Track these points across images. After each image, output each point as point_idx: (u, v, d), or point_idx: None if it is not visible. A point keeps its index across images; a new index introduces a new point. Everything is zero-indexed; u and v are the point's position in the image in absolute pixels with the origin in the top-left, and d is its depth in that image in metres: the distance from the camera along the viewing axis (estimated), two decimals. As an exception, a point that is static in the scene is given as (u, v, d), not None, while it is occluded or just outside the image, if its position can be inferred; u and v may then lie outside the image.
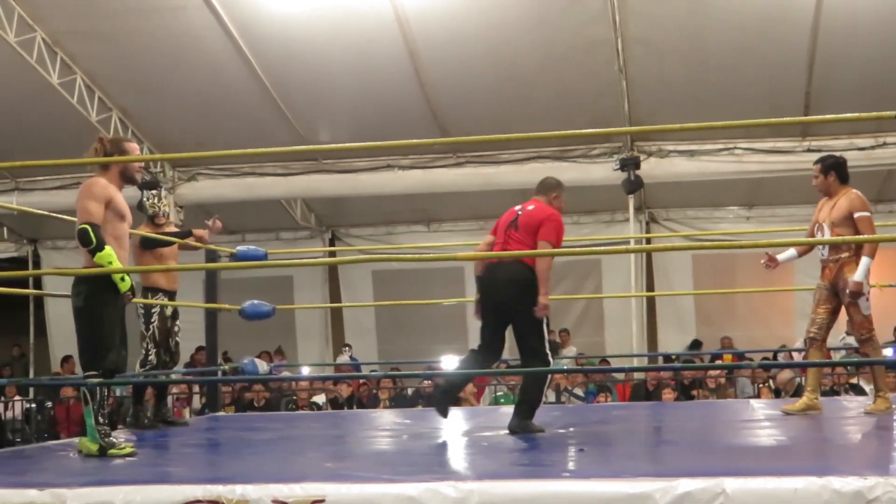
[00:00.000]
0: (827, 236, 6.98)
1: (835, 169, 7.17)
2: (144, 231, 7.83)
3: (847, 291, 6.91)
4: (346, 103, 13.88)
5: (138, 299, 7.61)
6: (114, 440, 5.80)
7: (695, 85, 13.11)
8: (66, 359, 16.02)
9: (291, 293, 16.77)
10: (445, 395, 6.67)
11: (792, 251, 7.48)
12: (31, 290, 14.47)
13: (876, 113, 7.21)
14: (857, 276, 6.88)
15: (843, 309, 7.23)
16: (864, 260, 6.89)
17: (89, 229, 5.71)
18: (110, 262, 5.71)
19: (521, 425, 6.40)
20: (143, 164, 7.25)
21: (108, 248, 5.72)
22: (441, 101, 13.66)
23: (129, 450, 5.77)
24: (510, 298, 6.43)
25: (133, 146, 6.25)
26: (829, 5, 11.78)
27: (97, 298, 5.82)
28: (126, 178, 6.12)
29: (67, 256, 17.00)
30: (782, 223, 15.32)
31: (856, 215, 6.94)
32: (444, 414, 6.59)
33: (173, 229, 7.93)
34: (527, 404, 6.55)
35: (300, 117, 14.11)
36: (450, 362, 12.32)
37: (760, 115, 12.59)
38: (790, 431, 6.23)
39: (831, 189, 7.15)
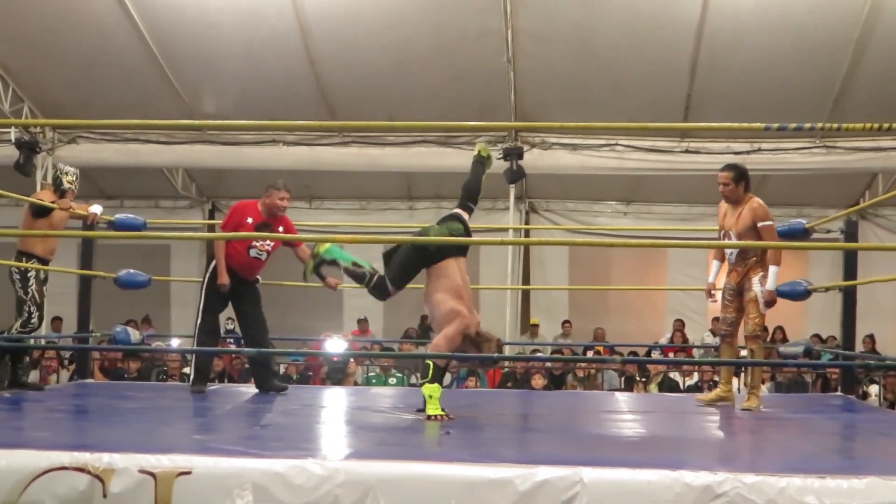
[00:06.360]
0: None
1: (744, 179, 7.38)
2: (47, 199, 7.82)
3: (763, 302, 7.18)
4: (233, 74, 13.76)
5: (10, 262, 7.58)
6: None
7: (581, 80, 13.34)
8: None
9: (168, 261, 16.62)
10: None
11: (716, 263, 7.73)
12: None
13: (748, 124, 7.46)
14: (769, 285, 7.16)
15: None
16: (772, 269, 7.17)
17: None
18: None
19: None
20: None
21: None
22: (330, 79, 13.65)
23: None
24: None
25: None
26: (713, 12, 12.13)
27: None
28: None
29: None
30: (658, 220, 15.74)
31: (759, 225, 7.16)
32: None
33: (74, 205, 7.97)
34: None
35: (186, 85, 13.96)
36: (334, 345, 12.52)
37: (643, 113, 12.90)
38: (650, 425, 6.40)
39: (739, 197, 7.34)
